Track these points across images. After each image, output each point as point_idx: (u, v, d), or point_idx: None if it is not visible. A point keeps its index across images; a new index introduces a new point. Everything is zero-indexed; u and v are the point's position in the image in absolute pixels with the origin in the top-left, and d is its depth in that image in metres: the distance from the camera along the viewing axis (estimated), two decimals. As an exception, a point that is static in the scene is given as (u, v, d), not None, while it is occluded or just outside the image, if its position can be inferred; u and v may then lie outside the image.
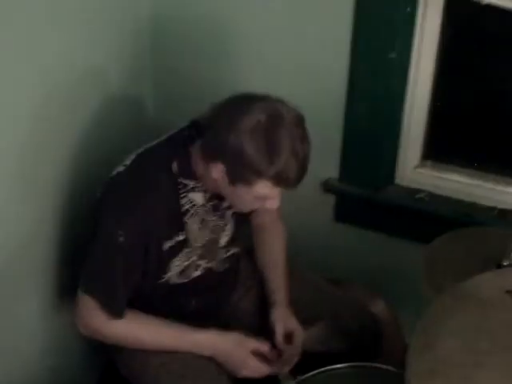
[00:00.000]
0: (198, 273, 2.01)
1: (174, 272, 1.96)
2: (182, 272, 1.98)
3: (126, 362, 2.07)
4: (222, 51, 2.36)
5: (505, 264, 1.97)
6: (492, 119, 2.42)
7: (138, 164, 1.89)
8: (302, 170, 1.76)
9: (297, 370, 1.99)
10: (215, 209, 1.95)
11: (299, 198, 2.26)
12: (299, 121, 1.76)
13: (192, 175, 1.87)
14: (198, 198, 1.91)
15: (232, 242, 2.05)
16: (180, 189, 1.88)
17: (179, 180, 1.87)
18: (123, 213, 1.84)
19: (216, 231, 1.99)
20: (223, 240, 2.02)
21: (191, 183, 1.88)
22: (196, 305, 2.06)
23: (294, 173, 1.74)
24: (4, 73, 1.74)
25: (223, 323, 2.07)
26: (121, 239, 1.82)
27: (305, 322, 2.09)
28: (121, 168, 1.89)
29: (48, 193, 2.03)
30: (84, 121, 2.11)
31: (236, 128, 1.71)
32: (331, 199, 2.51)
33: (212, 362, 1.99)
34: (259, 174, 1.73)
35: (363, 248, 2.55)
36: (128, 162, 1.90)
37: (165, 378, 1.99)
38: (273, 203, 1.84)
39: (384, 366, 1.96)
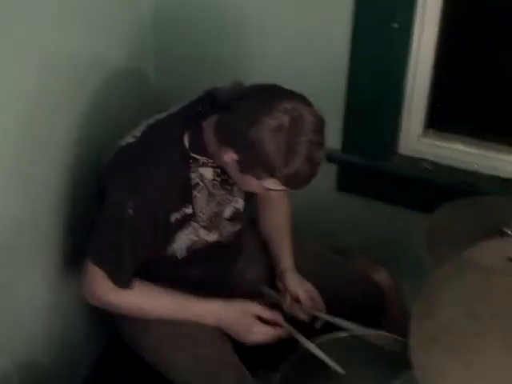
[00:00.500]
0: (202, 245, 2.02)
1: (180, 245, 1.97)
2: (190, 247, 1.99)
3: (127, 329, 2.09)
4: (222, 23, 2.35)
5: (508, 232, 1.97)
6: (495, 88, 2.41)
7: (149, 136, 1.88)
8: (314, 175, 1.77)
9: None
10: (223, 183, 1.95)
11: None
12: (319, 126, 1.75)
13: (203, 151, 1.86)
14: (207, 172, 1.91)
15: (238, 216, 2.05)
16: (191, 163, 1.87)
17: (190, 154, 1.87)
18: (133, 185, 1.84)
19: (222, 204, 1.99)
20: (228, 212, 2.03)
21: (202, 158, 1.88)
22: (200, 275, 2.07)
23: (305, 178, 1.76)
24: (3, 57, 1.73)
25: (227, 293, 2.08)
26: (130, 211, 1.82)
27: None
28: (131, 139, 1.89)
29: (52, 166, 2.03)
30: (87, 95, 2.11)
31: (258, 124, 1.69)
32: (334, 169, 2.51)
33: (215, 332, 2.01)
34: (271, 173, 1.74)
35: (366, 218, 2.56)
36: (138, 134, 1.89)
37: (165, 346, 2.01)
38: (278, 193, 1.87)
39: (387, 334, 1.98)
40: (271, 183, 1.78)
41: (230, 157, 1.77)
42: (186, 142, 1.86)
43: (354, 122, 2.41)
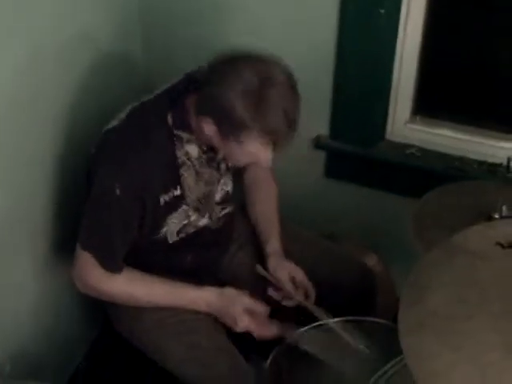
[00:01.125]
0: (193, 229, 2.03)
1: (171, 229, 1.97)
2: (180, 231, 2.00)
3: (120, 318, 2.09)
4: (211, 7, 2.35)
5: (495, 216, 1.98)
6: (482, 74, 2.42)
7: (133, 118, 1.90)
8: (292, 127, 1.78)
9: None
10: (210, 161, 1.96)
11: (290, 155, 2.26)
12: (290, 81, 1.78)
13: (187, 128, 1.88)
14: (193, 150, 1.92)
15: (228, 199, 2.06)
16: (175, 141, 1.89)
17: (175, 132, 1.88)
18: (119, 167, 1.84)
19: (211, 184, 2.00)
20: (219, 195, 2.03)
21: (186, 136, 1.89)
22: (192, 261, 2.08)
23: (283, 130, 1.76)
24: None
25: (218, 280, 2.10)
26: (117, 191, 1.82)
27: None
28: (116, 122, 1.90)
29: (41, 154, 2.03)
30: (74, 80, 2.10)
31: (227, 87, 1.73)
32: (322, 156, 2.52)
33: (210, 318, 2.01)
34: (248, 132, 1.75)
35: (355, 204, 2.56)
36: (123, 116, 1.90)
37: (159, 334, 2.01)
38: (265, 160, 1.86)
39: (379, 320, 1.98)
40: (252, 144, 1.78)
41: (209, 128, 1.80)
42: (170, 121, 1.88)
43: (341, 108, 2.41)
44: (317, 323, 1.98)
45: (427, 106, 2.46)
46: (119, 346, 2.10)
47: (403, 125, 2.47)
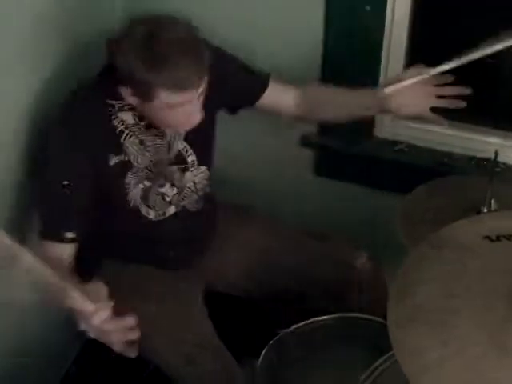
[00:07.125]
0: (172, 210, 2.04)
1: (135, 194, 1.97)
2: (145, 198, 1.98)
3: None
4: (197, 5, 2.33)
5: (484, 211, 1.98)
6: (469, 69, 2.41)
7: (72, 97, 1.93)
8: (195, 65, 1.76)
9: (280, 324, 2.00)
10: (150, 126, 1.94)
11: (278, 153, 2.27)
12: (185, 25, 1.78)
13: (116, 95, 1.88)
14: (128, 117, 1.92)
15: (184, 159, 2.04)
16: (110, 111, 1.90)
17: (106, 101, 1.90)
18: (62, 128, 1.88)
19: (159, 152, 1.99)
20: (172, 155, 2.02)
21: (117, 103, 1.90)
22: (174, 254, 2.10)
23: (186, 72, 1.74)
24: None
25: (202, 272, 2.14)
26: (63, 144, 1.85)
27: (285, 271, 2.16)
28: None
29: (18, 138, 2.00)
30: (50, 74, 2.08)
31: (121, 50, 1.75)
32: (310, 153, 2.51)
33: (199, 315, 2.03)
34: (152, 86, 1.75)
35: (344, 201, 2.56)
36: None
37: (147, 331, 1.98)
38: (193, 111, 1.82)
39: (368, 317, 1.98)
40: (165, 97, 1.76)
41: (127, 94, 1.82)
42: (102, 92, 1.90)
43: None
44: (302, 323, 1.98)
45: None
46: (109, 348, 2.09)
47: (391, 121, 2.47)
